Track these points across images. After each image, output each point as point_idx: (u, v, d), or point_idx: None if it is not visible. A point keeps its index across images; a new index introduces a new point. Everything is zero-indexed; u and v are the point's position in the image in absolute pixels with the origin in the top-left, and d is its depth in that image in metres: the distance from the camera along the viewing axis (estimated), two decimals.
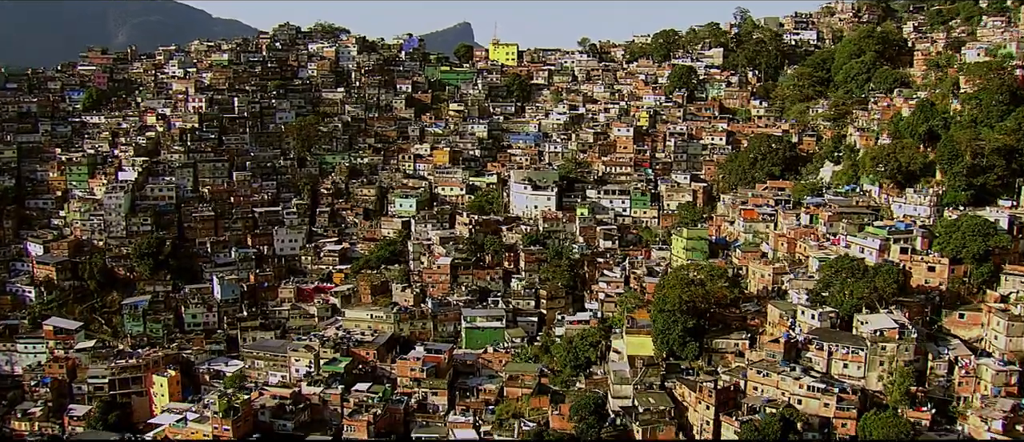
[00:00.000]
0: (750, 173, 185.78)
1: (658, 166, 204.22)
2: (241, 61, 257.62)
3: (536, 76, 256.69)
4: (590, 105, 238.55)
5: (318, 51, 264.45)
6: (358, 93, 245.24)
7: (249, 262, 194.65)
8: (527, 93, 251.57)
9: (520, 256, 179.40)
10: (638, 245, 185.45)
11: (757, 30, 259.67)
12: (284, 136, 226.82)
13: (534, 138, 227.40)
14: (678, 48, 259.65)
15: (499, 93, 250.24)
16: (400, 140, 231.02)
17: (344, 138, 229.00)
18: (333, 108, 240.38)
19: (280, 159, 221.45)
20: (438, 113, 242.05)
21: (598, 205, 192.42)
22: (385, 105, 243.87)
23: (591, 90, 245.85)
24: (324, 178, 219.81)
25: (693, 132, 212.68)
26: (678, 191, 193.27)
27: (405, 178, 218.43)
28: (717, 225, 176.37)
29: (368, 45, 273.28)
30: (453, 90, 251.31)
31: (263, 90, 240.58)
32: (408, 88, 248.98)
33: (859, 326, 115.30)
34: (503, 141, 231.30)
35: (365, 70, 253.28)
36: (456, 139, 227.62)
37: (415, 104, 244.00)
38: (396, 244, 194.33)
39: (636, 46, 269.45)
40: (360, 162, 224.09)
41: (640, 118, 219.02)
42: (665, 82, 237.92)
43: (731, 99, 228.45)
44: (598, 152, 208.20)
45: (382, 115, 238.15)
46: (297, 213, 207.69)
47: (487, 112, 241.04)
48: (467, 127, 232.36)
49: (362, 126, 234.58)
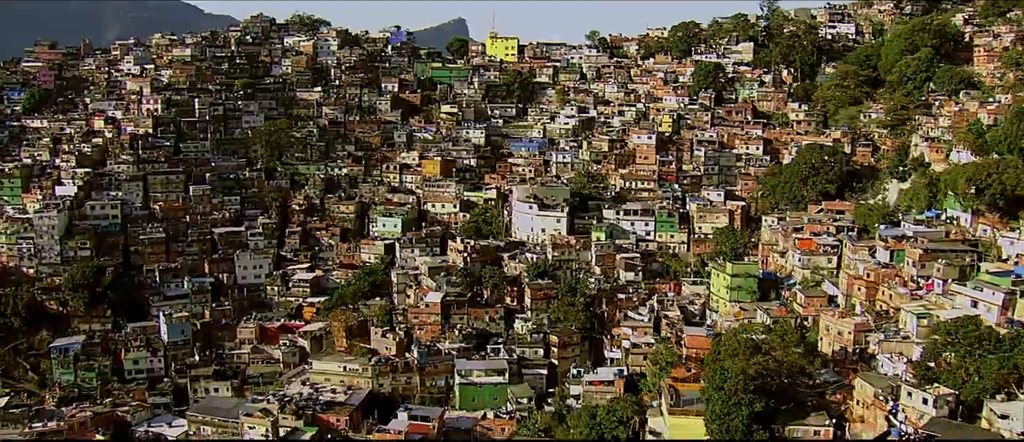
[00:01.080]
0: (799, 191, 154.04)
1: (686, 181, 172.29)
2: (206, 57, 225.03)
3: (539, 73, 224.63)
4: (602, 107, 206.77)
5: (294, 45, 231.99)
6: (338, 93, 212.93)
7: (205, 294, 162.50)
8: (529, 93, 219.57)
9: (525, 291, 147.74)
10: (665, 276, 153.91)
11: (788, 23, 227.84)
12: (251, 143, 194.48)
13: (539, 145, 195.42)
14: (700, 42, 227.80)
15: (498, 93, 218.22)
16: (384, 147, 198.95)
17: (320, 145, 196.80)
18: (309, 110, 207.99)
19: (245, 170, 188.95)
20: (428, 116, 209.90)
21: (617, 228, 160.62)
22: (368, 107, 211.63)
23: (602, 90, 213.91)
24: (296, 192, 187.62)
25: (724, 140, 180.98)
26: (711, 211, 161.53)
27: (389, 192, 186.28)
28: (763, 255, 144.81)
29: (350, 38, 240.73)
30: (445, 89, 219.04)
31: (229, 90, 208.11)
32: (395, 87, 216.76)
33: (994, 419, 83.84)
34: (503, 148, 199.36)
35: (346, 67, 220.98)
36: (449, 146, 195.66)
37: (402, 105, 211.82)
38: (377, 274, 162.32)
39: (652, 40, 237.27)
40: (338, 173, 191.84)
41: (662, 123, 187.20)
42: (688, 81, 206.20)
43: (765, 101, 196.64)
44: (615, 163, 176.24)
45: (364, 118, 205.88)
46: (263, 234, 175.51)
47: (484, 115, 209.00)
48: (461, 132, 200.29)
49: (341, 131, 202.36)
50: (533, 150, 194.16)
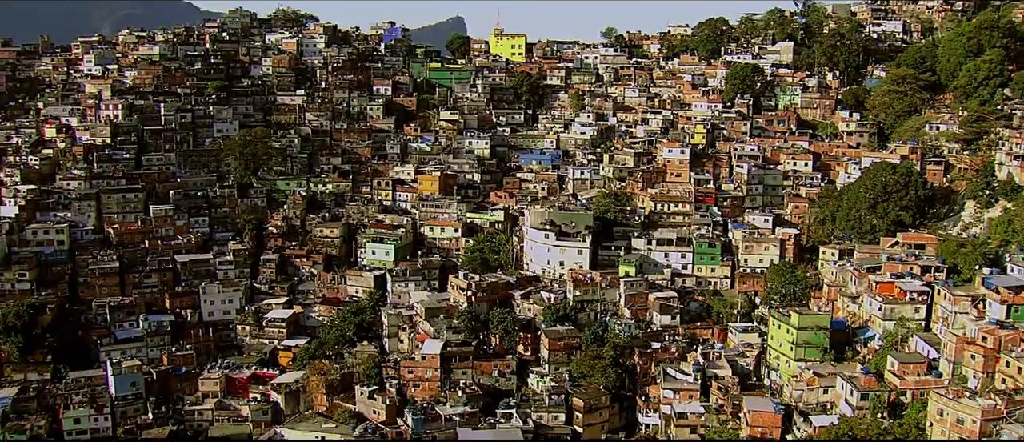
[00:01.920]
0: (866, 219, 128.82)
1: (726, 202, 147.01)
2: (177, 56, 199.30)
3: (550, 75, 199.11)
4: (622, 114, 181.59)
5: (276, 43, 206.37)
6: (323, 97, 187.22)
7: (163, 336, 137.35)
8: (539, 97, 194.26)
9: (541, 339, 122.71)
10: (707, 320, 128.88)
11: (828, 20, 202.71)
12: (223, 154, 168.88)
13: (552, 158, 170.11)
14: (729, 41, 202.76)
15: (504, 97, 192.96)
16: (375, 160, 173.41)
17: (302, 157, 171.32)
18: (290, 116, 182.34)
19: (216, 186, 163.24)
20: (426, 123, 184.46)
21: (648, 260, 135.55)
22: (358, 113, 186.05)
23: (622, 94, 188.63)
24: (273, 212, 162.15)
25: (768, 154, 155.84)
26: (759, 241, 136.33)
27: (381, 213, 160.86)
28: (828, 299, 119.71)
29: (339, 36, 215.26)
30: (445, 93, 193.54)
31: (200, 93, 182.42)
32: (388, 90, 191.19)
33: None
34: (510, 161, 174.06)
35: (333, 67, 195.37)
36: (449, 159, 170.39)
37: (396, 111, 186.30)
38: (366, 313, 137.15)
39: (674, 39, 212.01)
40: (322, 190, 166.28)
41: (695, 134, 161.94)
42: (720, 85, 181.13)
43: (810, 109, 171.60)
44: (642, 181, 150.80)
45: (353, 126, 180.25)
46: (234, 262, 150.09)
47: (489, 122, 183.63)
48: (464, 142, 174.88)
49: (326, 141, 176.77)
50: (545, 163, 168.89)
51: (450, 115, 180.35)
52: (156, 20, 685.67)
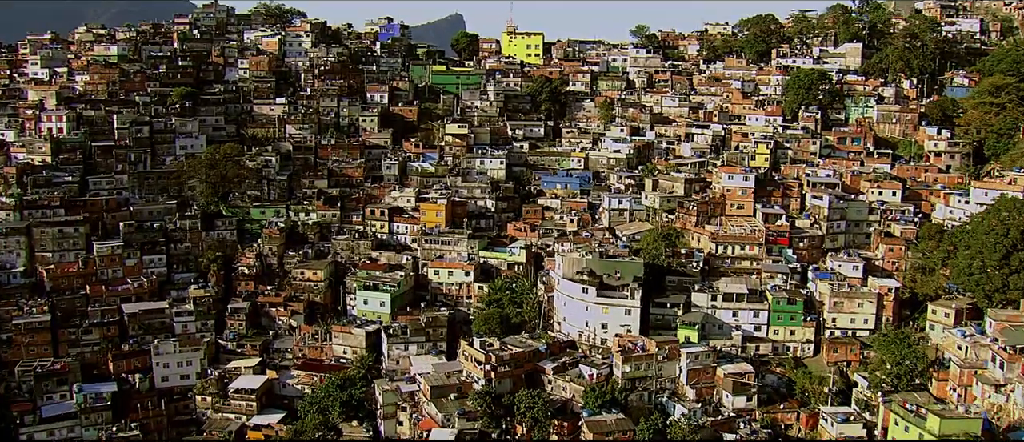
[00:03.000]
0: (998, 274, 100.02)
1: (801, 243, 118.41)
2: (140, 57, 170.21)
3: (573, 80, 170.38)
4: (661, 127, 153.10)
5: (255, 42, 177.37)
6: (308, 106, 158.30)
7: (102, 412, 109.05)
8: (561, 106, 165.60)
9: (583, 431, 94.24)
10: (790, 399, 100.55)
11: (891, 17, 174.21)
12: (186, 176, 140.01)
13: (580, 181, 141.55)
14: (781, 42, 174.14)
15: (520, 105, 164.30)
16: (369, 182, 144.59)
17: (281, 179, 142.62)
18: (268, 130, 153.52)
19: (176, 216, 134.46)
20: (429, 137, 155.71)
21: (712, 319, 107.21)
22: (348, 125, 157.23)
23: (658, 103, 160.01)
24: (245, 248, 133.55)
25: (847, 181, 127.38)
26: (850, 296, 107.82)
27: (375, 249, 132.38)
28: (960, 384, 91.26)
29: (328, 34, 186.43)
30: (450, 101, 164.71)
31: (162, 102, 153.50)
32: (384, 98, 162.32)
33: None
34: (530, 184, 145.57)
35: (321, 70, 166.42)
36: (456, 182, 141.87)
37: (394, 123, 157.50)
38: (356, 385, 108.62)
39: (715, 38, 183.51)
40: (304, 221, 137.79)
41: (755, 154, 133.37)
42: (777, 94, 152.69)
43: (887, 123, 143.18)
44: (696, 214, 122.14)
45: (343, 141, 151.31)
46: (196, 313, 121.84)
47: (503, 136, 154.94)
48: (474, 161, 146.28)
49: (311, 159, 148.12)
50: (573, 188, 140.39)
51: (458, 128, 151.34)
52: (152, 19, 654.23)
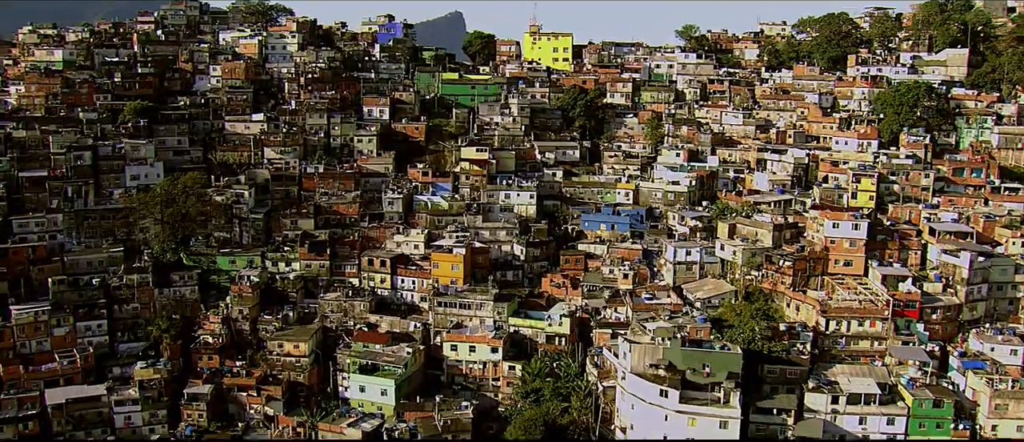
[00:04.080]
0: None
1: (934, 316, 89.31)
2: (92, 64, 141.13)
3: (611, 90, 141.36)
4: (725, 150, 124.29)
5: (230, 45, 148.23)
6: (292, 123, 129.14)
7: None
8: (598, 121, 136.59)
9: None
10: None
11: (990, 18, 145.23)
12: (137, 214, 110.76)
13: (631, 220, 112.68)
14: (859, 45, 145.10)
15: (549, 122, 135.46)
16: (366, 222, 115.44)
17: (256, 218, 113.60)
18: (241, 154, 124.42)
19: (121, 268, 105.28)
20: (440, 162, 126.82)
21: (831, 428, 78.33)
22: (342, 146, 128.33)
23: (718, 119, 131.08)
24: (209, 311, 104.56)
25: (980, 228, 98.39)
26: (1017, 397, 78.96)
27: (373, 313, 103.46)
28: None
29: (318, 34, 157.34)
30: (465, 117, 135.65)
31: (112, 120, 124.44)
32: (384, 113, 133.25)
33: None
34: (567, 222, 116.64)
35: (309, 78, 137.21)
36: (476, 221, 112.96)
37: (397, 143, 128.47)
38: None
39: (776, 41, 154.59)
40: (283, 272, 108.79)
41: (856, 191, 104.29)
42: (862, 109, 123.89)
43: (1012, 149, 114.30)
44: (791, 272, 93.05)
45: (335, 168, 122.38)
46: (142, 402, 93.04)
47: (532, 160, 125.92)
48: (498, 195, 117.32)
49: (294, 192, 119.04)
50: (622, 228, 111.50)
51: (476, 152, 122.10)
52: None
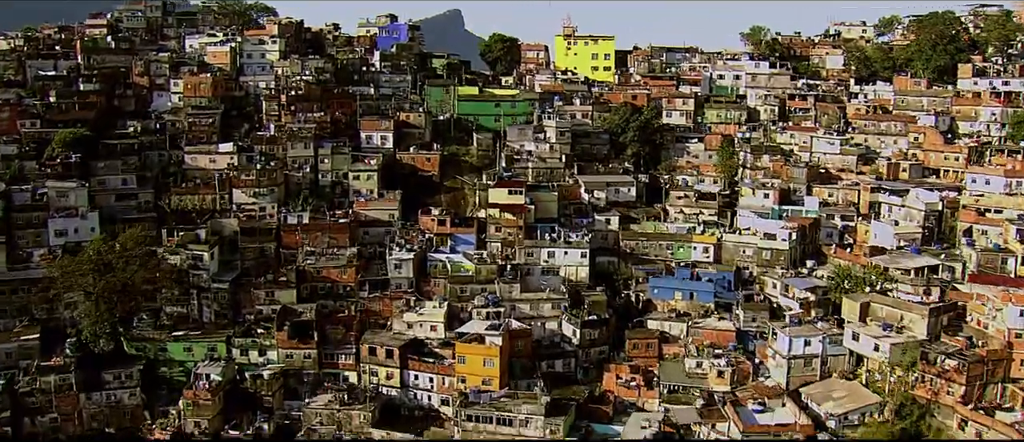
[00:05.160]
0: None
1: None
2: (23, 78, 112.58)
3: (668, 108, 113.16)
4: (822, 187, 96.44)
5: (197, 53, 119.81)
6: (268, 155, 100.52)
7: None
8: (653, 147, 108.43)
9: None
10: None
11: None
12: (60, 287, 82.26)
13: (715, 287, 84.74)
14: (971, 50, 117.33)
15: (594, 148, 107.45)
16: (366, 291, 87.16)
17: (220, 288, 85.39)
18: (201, 197, 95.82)
19: (34, 365, 77.18)
20: (459, 203, 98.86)
21: None
22: (333, 185, 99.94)
23: (806, 145, 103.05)
24: (156, 420, 76.59)
25: None
26: None
27: (377, 429, 75.53)
28: None
29: (306, 38, 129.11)
30: (489, 144, 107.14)
31: (38, 152, 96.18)
32: (387, 139, 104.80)
33: None
34: (629, 287, 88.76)
35: (293, 95, 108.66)
36: (512, 291, 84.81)
37: (405, 180, 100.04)
38: None
39: (863, 46, 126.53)
40: (255, 366, 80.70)
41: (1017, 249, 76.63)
42: (989, 133, 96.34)
43: None
44: (963, 378, 65.19)
45: (323, 216, 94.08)
46: None
47: (577, 202, 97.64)
48: (537, 253, 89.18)
49: (271, 250, 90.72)
50: (703, 298, 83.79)
51: (508, 195, 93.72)
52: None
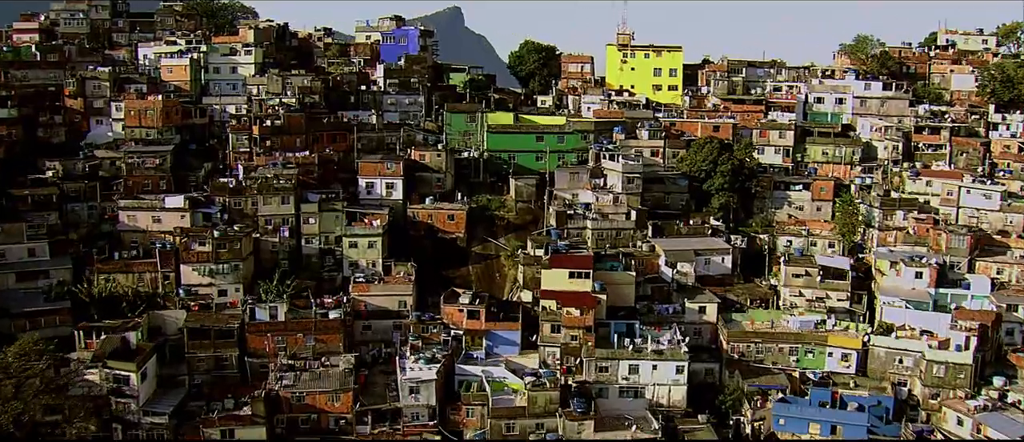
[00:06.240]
0: None
1: None
2: None
3: (759, 141, 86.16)
4: (990, 262, 69.52)
5: (151, 66, 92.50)
6: (234, 214, 73.51)
7: None
8: (748, 195, 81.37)
9: None
10: None
11: None
12: None
13: (868, 416, 58.07)
14: None
15: (667, 197, 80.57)
16: (369, 427, 60.12)
17: (156, 424, 58.22)
18: (135, 277, 68.68)
19: None
20: (492, 277, 71.83)
21: None
22: (321, 255, 72.81)
23: (950, 199, 76.17)
24: None
25: None
26: None
27: None
28: None
29: (290, 46, 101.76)
30: (530, 191, 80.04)
31: None
32: (394, 187, 77.83)
33: None
34: (737, 411, 61.93)
35: (268, 126, 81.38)
36: (578, 430, 57.78)
37: (418, 247, 73.20)
38: None
39: (1004, 64, 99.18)
40: None
41: None
42: None
43: None
44: None
45: (306, 301, 66.86)
46: None
47: (654, 276, 70.79)
48: (614, 368, 62.21)
49: (230, 362, 63.52)
50: (852, 434, 56.89)
51: (565, 278, 66.08)
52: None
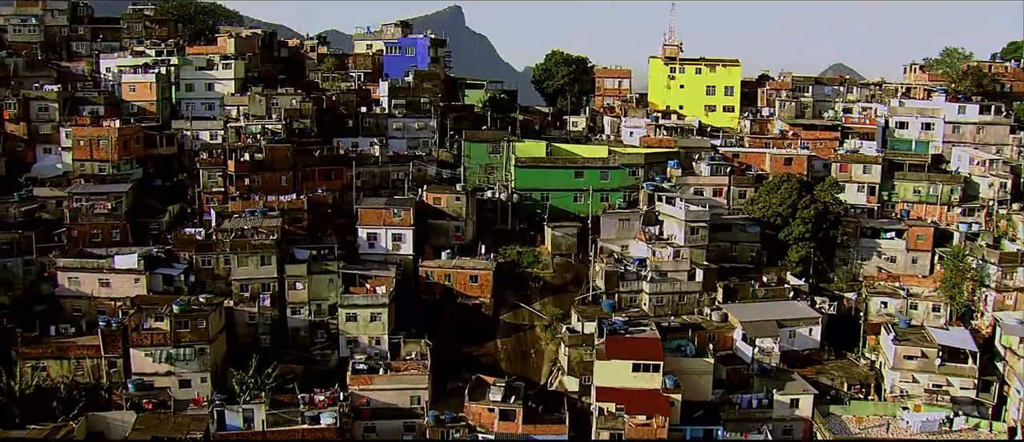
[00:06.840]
0: None
1: None
2: None
3: (842, 178, 71.08)
4: None
5: (112, 81, 77.31)
6: (203, 277, 58.29)
7: None
8: (823, 244, 66.40)
9: None
10: None
11: None
12: None
13: None
14: None
15: (733, 248, 65.56)
16: None
17: None
18: (72, 365, 53.49)
19: None
20: (524, 353, 56.89)
21: None
22: (312, 329, 57.81)
23: None
24: None
25: None
26: None
27: None
28: None
29: (278, 58, 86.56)
30: (569, 242, 65.05)
31: None
32: (403, 241, 62.66)
33: None
34: None
35: (247, 161, 66.33)
36: None
37: (438, 316, 58.36)
38: None
39: None
40: None
41: None
42: None
43: None
44: None
45: (293, 398, 51.47)
46: None
47: (728, 353, 55.86)
48: None
49: None
50: None
51: (628, 372, 50.72)
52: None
